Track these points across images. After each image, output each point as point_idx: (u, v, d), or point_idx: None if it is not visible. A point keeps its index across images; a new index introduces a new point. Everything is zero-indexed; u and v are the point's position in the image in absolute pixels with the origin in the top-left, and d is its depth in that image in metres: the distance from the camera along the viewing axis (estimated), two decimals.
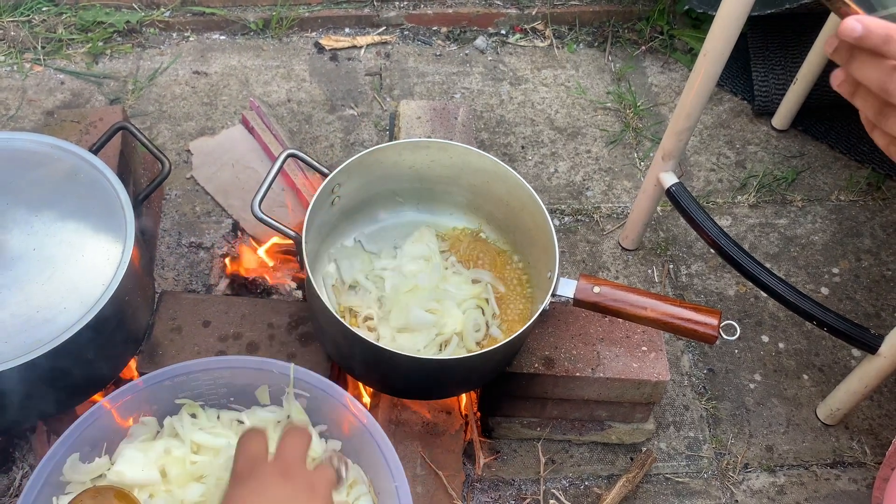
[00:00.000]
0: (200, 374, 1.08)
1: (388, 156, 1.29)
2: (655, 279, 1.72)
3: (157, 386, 1.07)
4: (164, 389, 1.08)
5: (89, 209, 1.18)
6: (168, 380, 1.07)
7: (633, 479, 1.39)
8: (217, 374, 1.09)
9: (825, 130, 2.00)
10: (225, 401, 1.13)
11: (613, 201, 1.84)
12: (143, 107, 1.92)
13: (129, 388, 1.06)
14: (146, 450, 1.04)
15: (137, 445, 1.05)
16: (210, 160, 1.79)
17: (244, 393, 1.12)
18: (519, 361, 1.30)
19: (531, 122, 1.99)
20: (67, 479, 1.00)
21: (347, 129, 1.93)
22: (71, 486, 1.01)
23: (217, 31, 2.12)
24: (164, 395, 1.08)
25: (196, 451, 1.06)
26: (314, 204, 1.19)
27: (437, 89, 2.04)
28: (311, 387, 1.09)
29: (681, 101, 1.41)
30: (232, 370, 1.09)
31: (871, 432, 1.53)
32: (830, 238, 1.82)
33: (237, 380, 1.10)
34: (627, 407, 1.39)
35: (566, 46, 2.18)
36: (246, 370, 1.10)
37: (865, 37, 0.59)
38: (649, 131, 1.99)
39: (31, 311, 1.08)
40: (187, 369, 1.08)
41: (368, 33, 2.15)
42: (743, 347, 1.63)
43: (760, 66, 2.02)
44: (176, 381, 1.08)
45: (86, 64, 1.99)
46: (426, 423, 1.34)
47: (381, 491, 1.04)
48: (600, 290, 1.18)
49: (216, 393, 1.12)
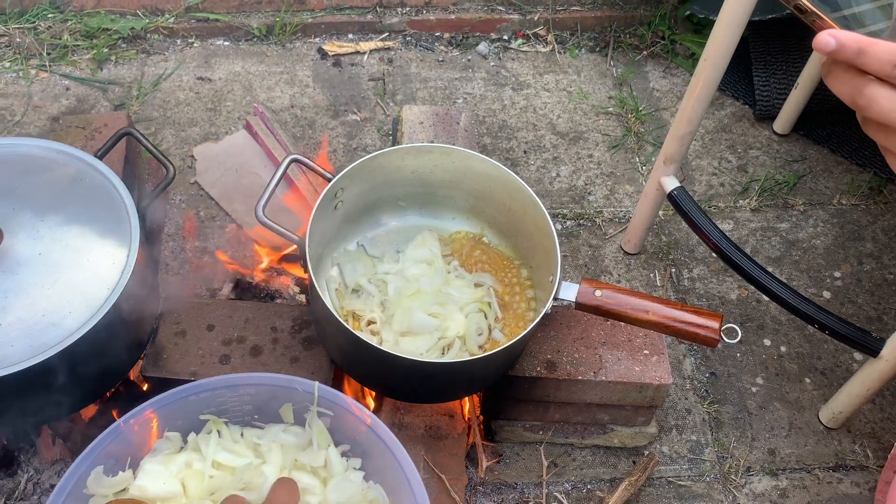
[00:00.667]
0: (226, 391, 1.08)
1: (391, 160, 1.30)
2: (657, 283, 1.72)
3: (182, 401, 1.07)
4: (189, 404, 1.08)
5: (94, 214, 1.19)
6: (194, 395, 1.07)
7: (636, 482, 1.40)
8: (242, 391, 1.09)
9: (826, 135, 2.01)
10: (249, 418, 1.12)
11: (615, 205, 1.85)
12: (148, 112, 1.93)
13: (154, 403, 1.06)
14: (167, 463, 1.04)
15: (160, 459, 1.05)
16: (214, 165, 1.80)
17: (268, 410, 1.11)
18: (521, 365, 1.30)
19: (533, 127, 1.99)
20: (91, 492, 1.01)
21: (350, 134, 1.94)
22: (94, 499, 1.01)
23: (221, 37, 2.13)
24: (189, 409, 1.08)
25: (216, 467, 1.06)
26: (317, 208, 1.20)
27: (440, 94, 2.05)
28: (333, 405, 1.08)
29: (682, 106, 1.41)
30: (256, 387, 1.09)
31: (873, 436, 1.53)
32: (832, 242, 1.82)
33: (261, 396, 1.10)
34: (630, 410, 1.39)
35: (568, 51, 2.19)
36: (271, 387, 1.09)
37: (839, 50, 0.59)
38: (651, 136, 2.00)
39: (37, 315, 1.09)
40: (213, 385, 1.07)
41: (371, 39, 2.16)
42: (745, 351, 1.64)
43: (762, 71, 2.03)
44: (201, 397, 1.08)
45: (91, 70, 2.01)
46: (429, 426, 1.34)
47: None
48: (602, 293, 1.19)
49: (240, 410, 1.11)
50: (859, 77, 0.61)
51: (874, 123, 0.63)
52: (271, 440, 1.09)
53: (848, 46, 0.59)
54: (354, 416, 1.07)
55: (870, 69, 0.60)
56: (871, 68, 0.60)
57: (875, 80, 0.60)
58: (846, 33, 0.59)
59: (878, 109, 0.61)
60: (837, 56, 0.60)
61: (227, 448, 1.08)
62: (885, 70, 0.59)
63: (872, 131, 0.65)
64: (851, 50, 0.59)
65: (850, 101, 0.62)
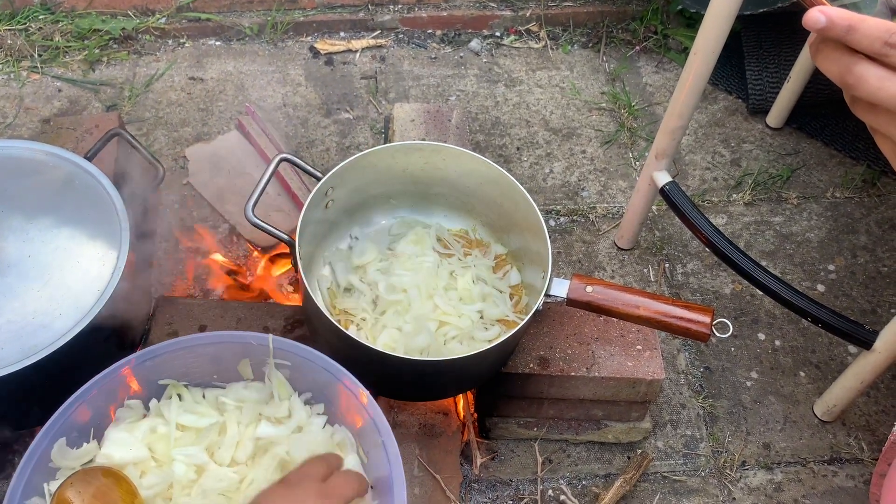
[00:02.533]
0: (184, 353, 1.10)
1: (381, 159, 1.30)
2: (651, 278, 1.72)
3: (139, 367, 1.08)
4: (146, 370, 1.09)
5: (85, 215, 1.19)
6: (149, 360, 1.08)
7: (630, 479, 1.40)
8: (200, 351, 1.10)
9: (820, 128, 2.01)
10: (209, 378, 1.14)
11: (609, 201, 1.85)
12: (140, 113, 1.93)
13: (113, 370, 1.06)
14: (132, 430, 1.06)
15: (124, 427, 1.06)
16: (206, 166, 1.80)
17: (227, 369, 1.13)
18: (514, 362, 1.30)
19: (526, 124, 1.99)
20: (57, 465, 1.02)
21: (343, 132, 1.93)
22: (61, 471, 1.02)
23: (212, 36, 2.13)
24: (148, 375, 1.09)
25: (181, 430, 1.08)
26: (307, 207, 1.20)
27: (433, 92, 2.05)
28: (291, 355, 1.10)
29: (672, 100, 1.41)
30: (213, 345, 1.11)
31: (867, 428, 1.53)
32: (826, 235, 1.82)
33: (220, 355, 1.12)
34: (623, 406, 1.39)
35: (560, 47, 2.19)
36: (227, 344, 1.11)
37: (828, 27, 0.59)
38: (644, 131, 2.00)
39: (27, 317, 1.09)
40: (168, 348, 1.09)
41: (363, 37, 2.16)
42: (739, 345, 1.64)
43: (754, 65, 2.03)
44: (157, 361, 1.09)
45: (82, 71, 2.00)
46: (423, 424, 1.34)
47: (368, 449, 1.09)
48: (593, 289, 1.18)
49: (200, 370, 1.13)
50: (849, 55, 0.60)
51: (863, 103, 0.63)
52: (234, 398, 1.11)
53: (838, 23, 0.59)
54: (312, 363, 1.09)
55: (859, 46, 0.59)
56: (860, 45, 0.59)
57: (864, 58, 0.60)
58: (836, 9, 0.59)
59: (867, 88, 0.60)
60: (827, 33, 0.59)
61: (189, 410, 1.09)
62: (874, 47, 0.59)
63: (861, 111, 0.64)
64: (841, 27, 0.59)
65: (839, 79, 0.61)
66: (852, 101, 0.64)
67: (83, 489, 0.95)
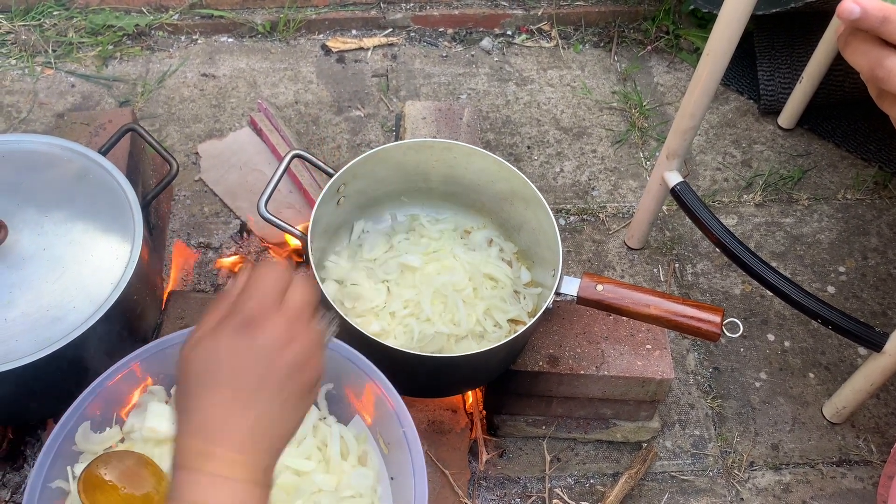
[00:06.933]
0: None
1: (393, 156, 1.30)
2: (661, 278, 1.72)
3: (161, 353, 1.09)
4: (167, 357, 1.09)
5: (98, 210, 1.20)
6: (170, 347, 1.09)
7: (636, 474, 1.40)
8: None
9: (831, 129, 2.00)
10: None
11: (619, 201, 1.85)
12: (153, 109, 1.94)
13: (134, 357, 1.07)
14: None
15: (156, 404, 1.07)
16: (218, 162, 1.81)
17: None
18: (523, 359, 1.31)
19: (537, 123, 1.99)
20: (80, 449, 1.03)
21: (354, 130, 1.94)
22: (84, 455, 1.04)
23: (225, 33, 2.13)
24: (169, 363, 1.10)
25: None
26: (320, 203, 1.21)
27: (444, 90, 2.05)
28: None
29: (684, 101, 1.41)
30: None
31: (877, 430, 1.53)
32: (837, 237, 1.82)
33: None
34: (632, 405, 1.39)
35: (572, 47, 2.19)
36: None
37: (863, 18, 0.58)
38: (655, 131, 2.00)
39: (41, 309, 1.10)
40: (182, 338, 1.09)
41: (375, 35, 2.17)
42: (748, 346, 1.63)
43: (766, 65, 2.02)
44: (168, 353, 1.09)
45: (96, 67, 2.01)
46: (432, 421, 1.35)
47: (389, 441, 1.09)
48: (603, 287, 1.19)
49: None
50: (880, 48, 0.59)
51: (891, 97, 0.62)
52: None
53: (872, 14, 0.58)
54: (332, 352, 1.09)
55: (892, 38, 0.59)
56: (893, 37, 0.58)
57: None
58: (871, 1, 0.58)
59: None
60: (861, 24, 0.59)
61: None
62: None
63: (888, 106, 0.63)
64: (876, 17, 0.58)
65: (869, 73, 0.61)
66: (879, 95, 0.63)
67: (113, 468, 0.96)
